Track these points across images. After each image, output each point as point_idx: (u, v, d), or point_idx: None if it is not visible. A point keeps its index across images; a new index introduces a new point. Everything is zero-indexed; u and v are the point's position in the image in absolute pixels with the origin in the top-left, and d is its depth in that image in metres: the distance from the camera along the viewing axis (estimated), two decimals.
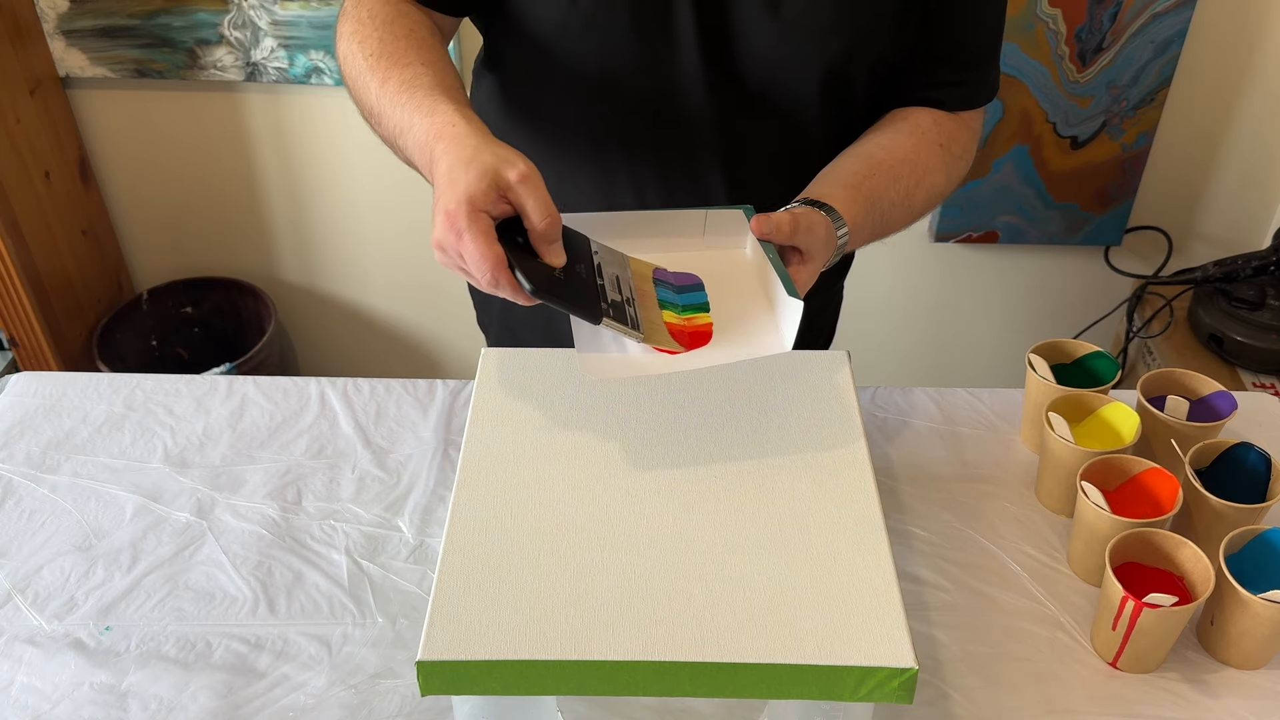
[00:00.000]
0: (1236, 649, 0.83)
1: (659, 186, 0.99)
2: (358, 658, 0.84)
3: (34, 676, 0.82)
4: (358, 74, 0.85)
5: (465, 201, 0.70)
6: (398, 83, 0.81)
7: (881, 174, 0.91)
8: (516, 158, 0.72)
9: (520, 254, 0.72)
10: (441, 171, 0.73)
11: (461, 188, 0.70)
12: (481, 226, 0.70)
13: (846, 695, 0.66)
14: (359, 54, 0.85)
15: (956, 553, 0.93)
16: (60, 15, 1.77)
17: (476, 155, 0.72)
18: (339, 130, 1.90)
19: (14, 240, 1.73)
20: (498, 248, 0.70)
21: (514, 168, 0.71)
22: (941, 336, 2.12)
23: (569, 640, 0.65)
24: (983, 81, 0.98)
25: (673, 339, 0.71)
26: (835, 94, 0.93)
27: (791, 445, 0.80)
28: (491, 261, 0.69)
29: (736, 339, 0.79)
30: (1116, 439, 0.96)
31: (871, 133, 0.96)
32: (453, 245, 0.71)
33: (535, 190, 0.72)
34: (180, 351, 2.08)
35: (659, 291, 0.79)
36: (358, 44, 0.86)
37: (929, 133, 0.95)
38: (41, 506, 0.97)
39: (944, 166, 0.96)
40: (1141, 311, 1.83)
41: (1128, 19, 1.67)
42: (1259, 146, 1.82)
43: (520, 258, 0.72)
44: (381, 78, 0.82)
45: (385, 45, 0.84)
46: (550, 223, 0.72)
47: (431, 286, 2.09)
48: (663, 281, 0.81)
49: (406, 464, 1.02)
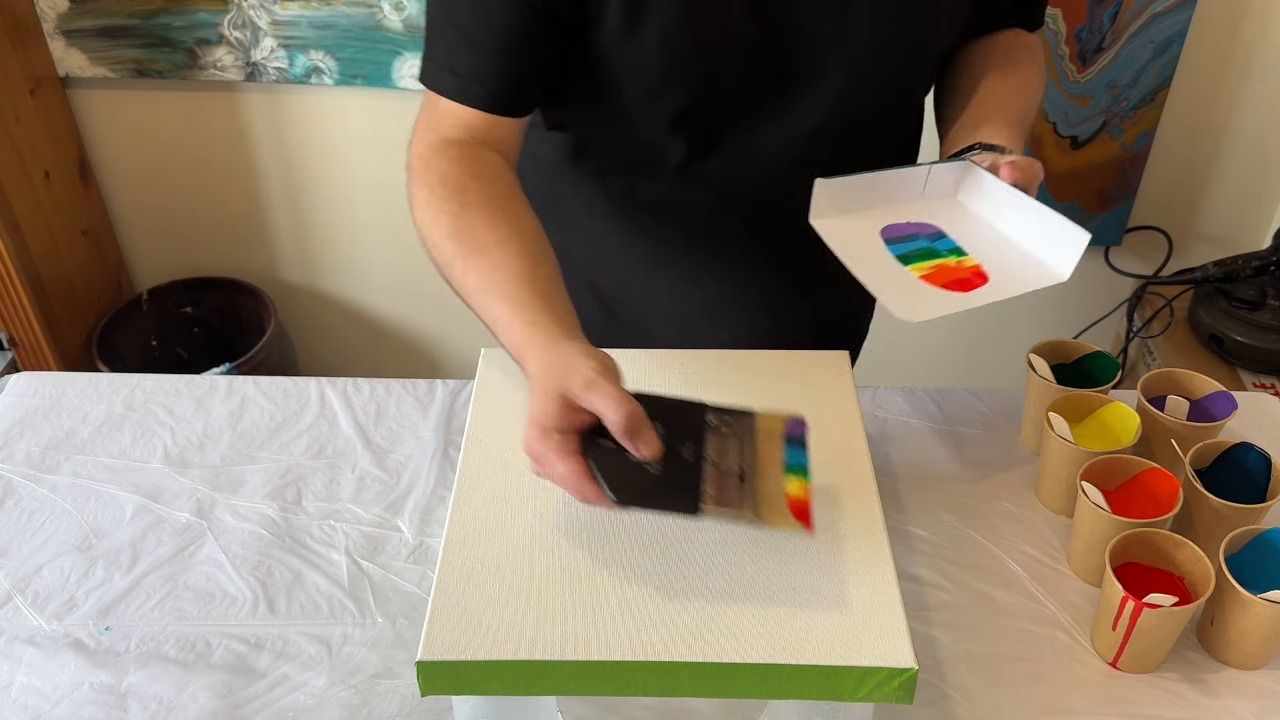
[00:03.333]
0: (1236, 649, 0.83)
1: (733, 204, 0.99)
2: (358, 658, 0.84)
3: (34, 676, 0.82)
4: (438, 254, 0.83)
5: (538, 426, 0.68)
6: (477, 276, 0.79)
7: (1015, 102, 0.97)
8: (582, 363, 0.69)
9: (609, 455, 0.68)
10: (529, 392, 0.71)
11: (534, 412, 0.69)
12: (555, 446, 0.68)
13: (846, 695, 0.66)
14: (436, 234, 0.83)
15: (956, 553, 0.93)
16: (60, 15, 1.76)
17: (547, 372, 0.70)
18: (339, 130, 1.90)
19: (14, 240, 1.73)
20: (576, 461, 0.67)
21: (578, 376, 0.68)
22: (942, 336, 2.11)
23: (569, 640, 0.65)
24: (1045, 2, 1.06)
25: (793, 517, 0.67)
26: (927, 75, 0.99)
27: None
28: (575, 479, 0.67)
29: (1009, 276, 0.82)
30: (1116, 439, 0.96)
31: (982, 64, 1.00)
32: (540, 472, 0.70)
33: (604, 392, 0.68)
34: (180, 351, 2.08)
35: (788, 453, 0.72)
36: (431, 217, 0.83)
37: (1026, 50, 1.02)
38: (41, 506, 0.97)
39: (1041, 79, 1.03)
40: (1141, 311, 1.83)
41: (1128, 19, 1.67)
42: (1259, 146, 1.82)
43: (608, 459, 0.68)
44: (462, 267, 0.80)
45: (460, 223, 0.82)
46: (625, 417, 0.67)
47: (431, 286, 2.08)
48: (795, 440, 0.73)
49: (406, 464, 1.02)
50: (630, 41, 0.85)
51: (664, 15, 0.83)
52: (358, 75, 1.80)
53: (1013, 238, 0.86)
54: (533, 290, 0.78)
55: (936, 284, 0.81)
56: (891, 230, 0.85)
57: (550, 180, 1.03)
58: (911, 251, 0.84)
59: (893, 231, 0.85)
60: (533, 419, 0.69)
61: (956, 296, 0.80)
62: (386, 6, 1.72)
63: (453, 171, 0.84)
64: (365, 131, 1.89)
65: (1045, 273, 0.83)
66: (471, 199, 0.83)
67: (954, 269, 0.82)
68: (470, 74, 0.86)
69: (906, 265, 0.82)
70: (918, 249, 0.84)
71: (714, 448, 0.71)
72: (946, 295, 0.80)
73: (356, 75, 1.80)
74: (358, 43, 1.76)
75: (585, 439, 0.69)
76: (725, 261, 1.04)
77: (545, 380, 0.70)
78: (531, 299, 0.77)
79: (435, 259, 0.83)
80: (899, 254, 0.83)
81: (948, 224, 0.87)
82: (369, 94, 1.84)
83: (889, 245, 0.84)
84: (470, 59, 0.85)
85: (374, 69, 1.79)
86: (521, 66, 0.86)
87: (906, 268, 0.82)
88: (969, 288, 0.81)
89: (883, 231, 0.85)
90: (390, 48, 1.76)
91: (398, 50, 1.76)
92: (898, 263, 0.82)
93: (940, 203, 0.90)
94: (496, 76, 0.86)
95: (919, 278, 0.81)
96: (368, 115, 1.87)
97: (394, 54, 1.77)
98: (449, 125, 0.87)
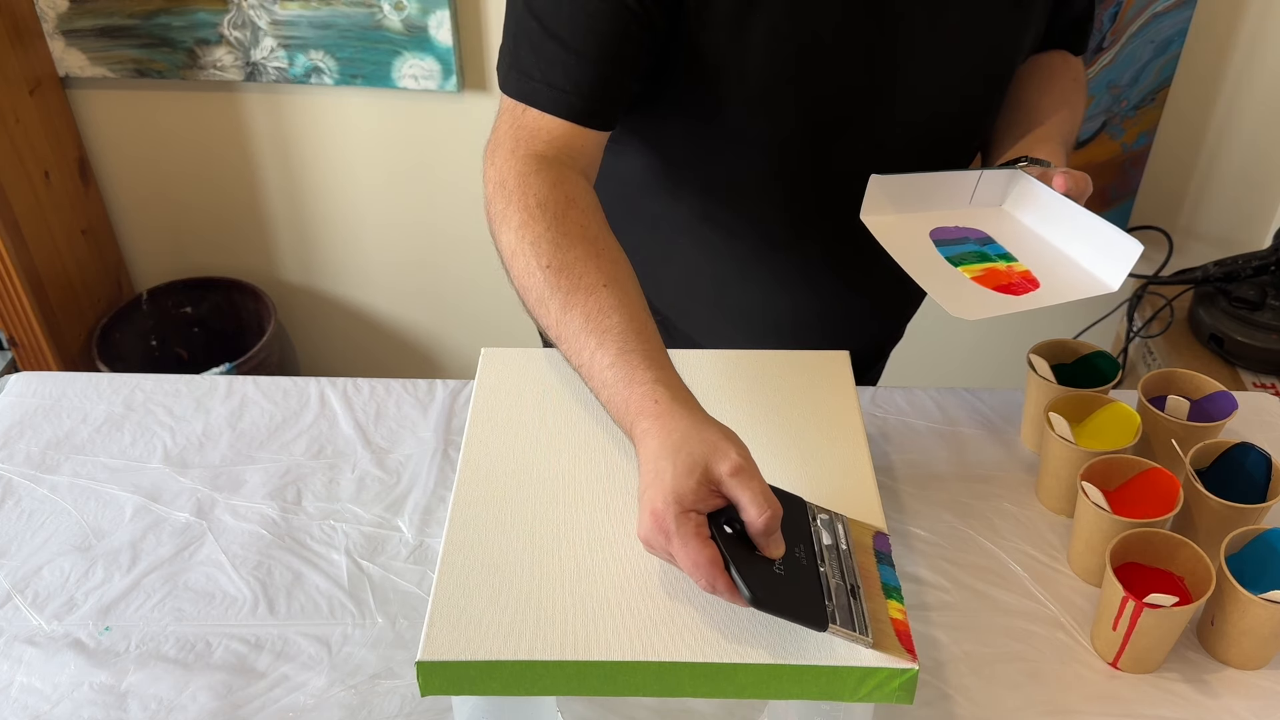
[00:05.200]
0: (1236, 649, 0.83)
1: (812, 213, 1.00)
2: (357, 658, 0.84)
3: (34, 676, 0.82)
4: (534, 286, 0.78)
5: (674, 502, 0.64)
6: (583, 316, 0.75)
7: (1062, 122, 0.98)
8: (728, 446, 0.67)
9: (734, 545, 0.65)
10: (647, 456, 0.68)
11: (669, 483, 0.65)
12: (691, 528, 0.64)
13: (847, 695, 0.65)
14: (533, 262, 0.78)
15: (956, 553, 0.93)
16: (60, 15, 1.77)
17: (684, 444, 0.66)
18: (339, 130, 1.90)
19: (14, 240, 1.73)
20: (711, 549, 0.64)
21: (726, 459, 0.66)
22: (941, 336, 2.11)
23: (569, 640, 0.65)
24: (1091, 26, 1.09)
25: (899, 644, 0.65)
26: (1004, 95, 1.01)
27: (792, 445, 0.80)
28: (706, 567, 0.63)
29: (1058, 283, 0.83)
30: (1117, 439, 0.96)
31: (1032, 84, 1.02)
32: (662, 546, 0.65)
33: (749, 482, 0.65)
34: (180, 351, 2.08)
35: (881, 571, 0.71)
36: (529, 245, 0.78)
37: (1070, 72, 1.05)
38: (41, 506, 0.97)
39: (1082, 99, 1.05)
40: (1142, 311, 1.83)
41: (1128, 19, 1.67)
42: (1259, 146, 1.82)
43: (735, 550, 0.65)
44: (563, 302, 0.76)
45: (561, 252, 0.77)
46: (770, 518, 0.65)
47: (431, 286, 2.09)
48: (883, 556, 0.72)
49: (406, 464, 1.02)
50: (736, 41, 0.84)
51: (771, 12, 0.83)
52: (358, 75, 1.80)
53: (1062, 246, 0.87)
54: (651, 345, 0.74)
55: (987, 287, 0.81)
56: (941, 232, 0.86)
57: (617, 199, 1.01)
58: (962, 254, 0.84)
59: (943, 234, 0.86)
60: (668, 496, 0.65)
61: (1008, 299, 0.80)
62: (386, 6, 1.72)
63: (551, 195, 0.80)
64: (365, 131, 1.89)
65: (1095, 282, 0.84)
66: (572, 230, 0.79)
67: (1004, 273, 0.83)
68: (568, 85, 0.83)
69: (957, 267, 0.82)
70: (968, 252, 0.85)
71: (826, 555, 0.69)
72: (998, 296, 0.80)
73: (356, 75, 1.80)
74: (358, 43, 1.76)
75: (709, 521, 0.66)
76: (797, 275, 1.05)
77: (685, 454, 0.66)
78: (657, 364, 0.73)
79: (525, 286, 0.79)
80: (949, 255, 0.84)
81: (996, 230, 0.88)
82: (369, 94, 1.84)
83: (939, 247, 0.84)
84: (568, 69, 0.83)
85: (374, 69, 1.79)
86: (618, 78, 0.84)
87: (957, 269, 0.82)
88: (1020, 292, 0.81)
89: (933, 233, 0.85)
90: (390, 48, 1.76)
91: (398, 50, 1.76)
92: (948, 263, 0.83)
93: (988, 210, 0.91)
94: (594, 87, 0.83)
95: (970, 279, 0.81)
96: (368, 115, 1.87)
97: (394, 54, 1.77)
98: (541, 139, 0.84)
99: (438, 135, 1.88)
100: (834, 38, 0.86)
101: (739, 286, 1.06)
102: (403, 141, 1.90)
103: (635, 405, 0.70)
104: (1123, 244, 0.82)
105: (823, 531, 0.70)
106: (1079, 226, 0.85)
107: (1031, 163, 0.90)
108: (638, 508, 0.67)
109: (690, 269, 1.06)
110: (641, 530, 0.66)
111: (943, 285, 0.80)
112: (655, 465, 0.66)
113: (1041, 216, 0.89)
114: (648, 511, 0.65)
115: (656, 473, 0.66)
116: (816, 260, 1.04)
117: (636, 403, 0.70)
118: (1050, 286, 0.83)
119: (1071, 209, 0.85)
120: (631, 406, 0.71)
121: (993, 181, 0.90)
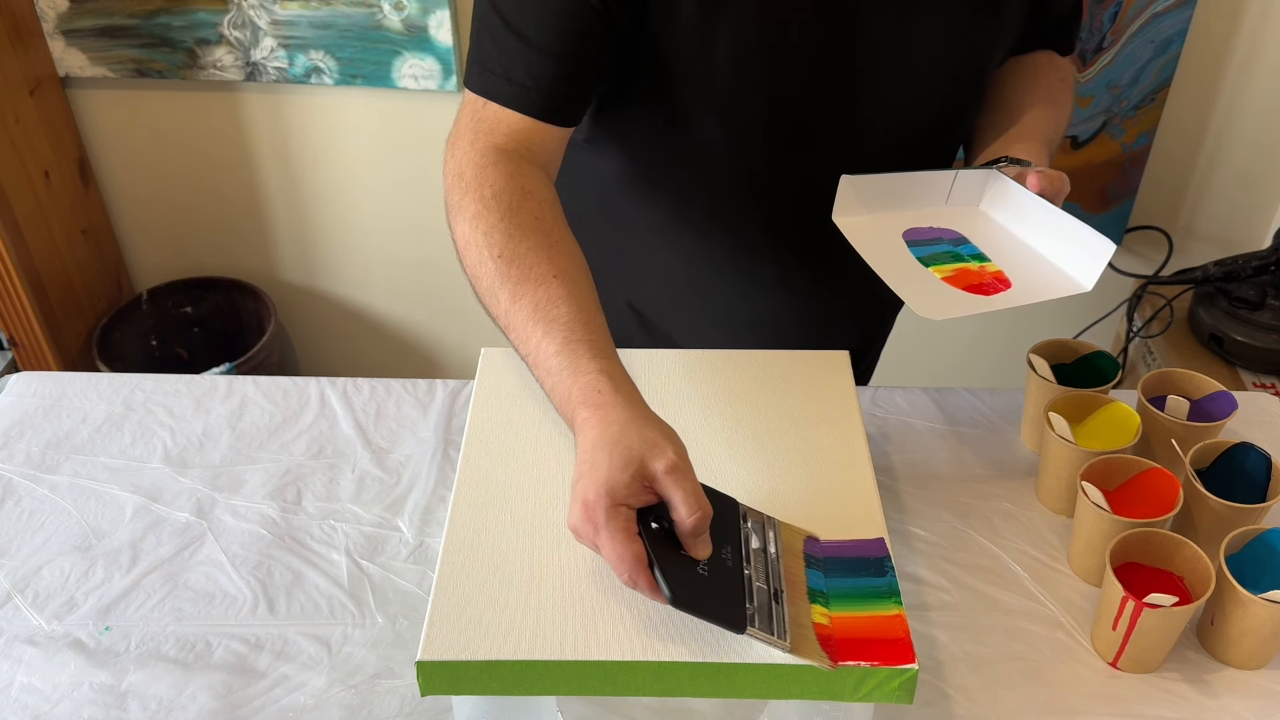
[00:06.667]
0: (1236, 649, 0.83)
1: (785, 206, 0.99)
2: (357, 658, 0.84)
3: (34, 676, 0.82)
4: (485, 275, 0.79)
5: (605, 494, 0.64)
6: (531, 305, 0.75)
7: (1045, 121, 0.97)
8: (665, 444, 0.67)
9: (660, 544, 0.66)
10: (584, 447, 0.67)
11: (603, 475, 0.65)
12: (620, 523, 0.64)
13: (847, 695, 0.66)
14: (485, 252, 0.78)
15: (956, 553, 0.93)
16: (60, 15, 1.77)
17: (622, 437, 0.66)
18: (339, 130, 1.90)
19: (14, 240, 1.73)
20: (637, 545, 0.64)
21: (662, 457, 0.66)
22: (941, 336, 2.11)
23: (569, 640, 0.65)
24: (1079, 26, 1.08)
25: (820, 649, 0.65)
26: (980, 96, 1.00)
27: (792, 445, 0.80)
28: (630, 562, 0.64)
29: (1030, 283, 0.83)
30: (1116, 439, 0.96)
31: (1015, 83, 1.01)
32: (589, 536, 0.65)
33: (683, 482, 0.66)
34: (180, 351, 2.08)
35: (809, 576, 0.71)
36: (483, 235, 0.79)
37: (1056, 71, 1.04)
38: (41, 506, 0.97)
39: (1069, 99, 1.04)
40: (1141, 311, 1.83)
41: (1128, 19, 1.67)
42: (1259, 146, 1.82)
43: (660, 549, 0.65)
44: (512, 292, 0.76)
45: (513, 243, 0.78)
46: (699, 519, 0.65)
47: (431, 286, 2.09)
48: (814, 560, 0.72)
49: (406, 464, 1.02)
50: (700, 43, 0.84)
51: (735, 15, 0.82)
52: (357, 75, 1.80)
53: (1036, 246, 0.87)
54: (598, 336, 0.74)
55: (958, 287, 0.81)
56: (915, 233, 0.85)
57: (594, 200, 1.02)
58: (934, 254, 0.84)
59: (916, 234, 0.85)
60: (600, 488, 0.65)
61: (978, 299, 0.80)
62: (386, 6, 1.72)
63: (507, 187, 0.81)
64: (365, 131, 1.89)
65: (1068, 282, 0.84)
66: (525, 221, 0.79)
67: (976, 273, 0.83)
68: (529, 80, 0.83)
69: (928, 267, 0.82)
70: (940, 252, 0.84)
71: (753, 559, 0.69)
72: (968, 297, 0.80)
73: (356, 75, 1.80)
74: (357, 42, 1.76)
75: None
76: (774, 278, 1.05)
77: (622, 448, 0.66)
78: (602, 354, 0.73)
79: (476, 275, 0.80)
80: (921, 256, 0.84)
81: (970, 231, 0.88)
82: (369, 94, 1.84)
83: (911, 247, 0.84)
84: (529, 65, 0.83)
85: (374, 69, 1.79)
86: (579, 74, 0.85)
87: (928, 269, 0.82)
88: (991, 292, 0.81)
89: (905, 234, 0.85)
90: (390, 48, 1.76)
91: (397, 50, 1.76)
92: (919, 264, 0.83)
93: (963, 210, 0.90)
94: (555, 83, 0.84)
95: (941, 279, 0.81)
96: (367, 115, 1.87)
97: (394, 54, 1.77)
98: (500, 133, 0.84)
99: (438, 135, 1.87)
100: (799, 40, 0.86)
101: (717, 288, 1.06)
102: (403, 141, 1.90)
103: (578, 394, 0.71)
104: (1096, 243, 0.82)
105: (752, 535, 0.71)
106: (1052, 226, 0.85)
107: (1011, 162, 0.90)
108: (570, 496, 0.67)
109: (668, 270, 1.06)
110: (571, 519, 0.66)
111: (911, 285, 0.80)
112: (592, 456, 0.67)
113: (1016, 216, 0.89)
114: (579, 501, 0.66)
115: (592, 463, 0.66)
116: (792, 265, 1.04)
117: (579, 392, 0.71)
118: (1022, 286, 0.83)
119: (1045, 209, 0.85)
120: (574, 396, 0.71)
121: (969, 181, 0.90)
